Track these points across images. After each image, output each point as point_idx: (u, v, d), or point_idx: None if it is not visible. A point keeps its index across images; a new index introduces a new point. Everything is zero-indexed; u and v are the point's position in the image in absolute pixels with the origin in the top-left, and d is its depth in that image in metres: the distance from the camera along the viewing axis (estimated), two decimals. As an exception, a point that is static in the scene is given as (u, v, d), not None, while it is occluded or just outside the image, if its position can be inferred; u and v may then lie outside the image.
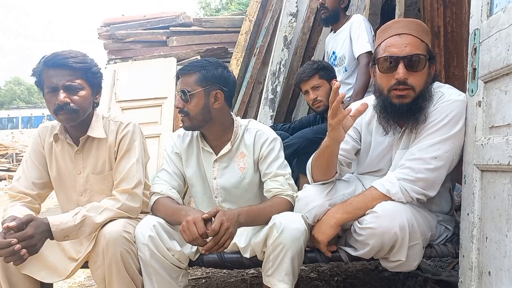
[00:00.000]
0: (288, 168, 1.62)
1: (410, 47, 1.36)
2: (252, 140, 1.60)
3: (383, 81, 1.41)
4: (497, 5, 1.17)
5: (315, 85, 2.27)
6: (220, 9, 15.48)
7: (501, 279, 1.10)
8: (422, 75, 1.38)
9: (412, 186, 1.34)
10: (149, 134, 4.03)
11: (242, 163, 1.61)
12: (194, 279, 2.25)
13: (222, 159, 1.62)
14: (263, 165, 1.59)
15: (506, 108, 1.10)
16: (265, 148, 1.59)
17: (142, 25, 5.58)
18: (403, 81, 1.35)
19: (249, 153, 1.61)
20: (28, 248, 1.30)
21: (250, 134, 1.62)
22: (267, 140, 1.60)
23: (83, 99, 1.49)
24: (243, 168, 1.61)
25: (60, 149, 1.59)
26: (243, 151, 1.61)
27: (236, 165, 1.62)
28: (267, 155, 1.58)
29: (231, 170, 1.62)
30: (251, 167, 1.61)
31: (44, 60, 1.46)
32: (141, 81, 4.65)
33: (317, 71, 2.28)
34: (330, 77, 2.31)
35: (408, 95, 1.37)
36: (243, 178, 1.61)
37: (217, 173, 1.63)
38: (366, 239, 1.34)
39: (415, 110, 1.38)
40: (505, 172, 1.09)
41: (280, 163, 1.59)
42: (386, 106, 1.42)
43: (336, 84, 1.26)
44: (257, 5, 4.56)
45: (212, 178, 1.63)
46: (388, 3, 3.35)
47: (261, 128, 1.64)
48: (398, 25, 1.42)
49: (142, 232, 1.39)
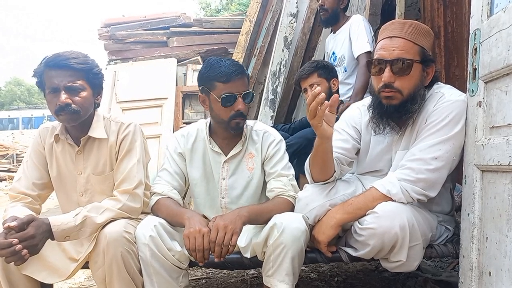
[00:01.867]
0: (291, 170, 1.64)
1: (399, 51, 1.37)
2: (260, 141, 1.64)
3: (374, 82, 1.45)
4: (498, 5, 1.17)
5: (314, 83, 2.28)
6: (221, 9, 15.49)
7: (501, 279, 1.10)
8: (410, 79, 1.38)
9: (413, 187, 1.34)
10: (149, 135, 4.03)
11: (251, 163, 1.63)
12: (194, 279, 2.25)
13: (231, 160, 1.64)
14: (268, 165, 1.62)
15: (507, 108, 1.10)
16: (272, 148, 1.63)
17: (142, 25, 5.58)
18: (388, 84, 1.38)
19: (257, 153, 1.64)
20: (29, 248, 1.30)
21: (257, 135, 1.66)
22: (274, 141, 1.64)
23: (84, 100, 1.49)
24: (252, 168, 1.63)
25: (60, 149, 1.59)
26: (252, 151, 1.64)
27: (245, 165, 1.64)
28: (273, 155, 1.62)
29: (240, 170, 1.64)
30: (259, 167, 1.64)
31: (46, 61, 1.46)
32: (141, 82, 4.65)
33: (316, 70, 2.30)
34: (329, 76, 2.33)
35: (395, 96, 1.39)
36: (251, 178, 1.63)
37: (226, 173, 1.64)
38: (366, 239, 1.34)
39: (402, 113, 1.40)
40: (505, 173, 1.09)
41: (284, 164, 1.62)
42: (376, 105, 1.46)
43: (318, 88, 1.27)
44: (257, 5, 4.57)
45: (221, 178, 1.64)
46: (388, 3, 3.35)
47: (268, 130, 1.69)
48: (393, 27, 1.43)
49: (143, 232, 1.39)
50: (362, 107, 1.62)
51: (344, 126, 1.61)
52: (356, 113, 1.62)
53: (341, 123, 1.63)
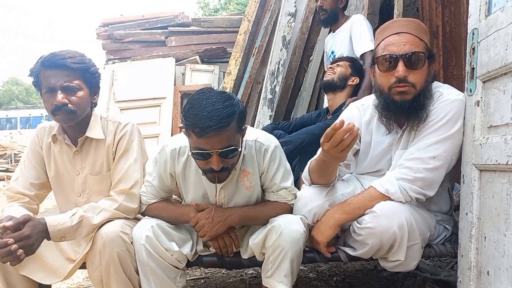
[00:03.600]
0: (291, 176, 1.54)
1: (409, 45, 1.36)
2: (254, 154, 1.47)
3: (383, 80, 1.41)
4: (496, 4, 1.18)
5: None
6: (219, 9, 15.48)
7: (499, 278, 1.10)
8: (422, 73, 1.38)
9: (411, 186, 1.34)
10: (147, 134, 4.03)
11: (248, 181, 1.49)
12: (193, 279, 2.25)
13: (226, 186, 1.49)
14: (266, 178, 1.50)
15: (505, 107, 1.10)
16: (267, 161, 1.47)
17: (140, 25, 5.57)
18: (403, 79, 1.36)
19: (253, 169, 1.48)
20: (25, 248, 1.29)
21: (249, 147, 1.47)
22: (266, 151, 1.47)
23: (81, 99, 1.48)
24: (250, 187, 1.50)
25: (58, 149, 1.59)
26: (245, 168, 1.48)
27: (241, 185, 1.50)
28: (268, 167, 1.48)
29: (238, 193, 1.51)
30: (257, 183, 1.51)
31: (42, 60, 1.45)
32: (139, 81, 4.65)
33: (349, 60, 2.35)
34: (355, 72, 2.34)
35: (409, 91, 1.37)
36: (251, 195, 1.52)
37: (224, 200, 1.51)
38: (365, 238, 1.35)
39: (418, 108, 1.37)
40: (503, 172, 1.09)
41: (282, 173, 1.50)
42: (388, 104, 1.41)
43: (341, 120, 1.24)
44: (255, 5, 4.57)
45: (219, 204, 1.51)
46: (386, 3, 3.35)
47: (258, 136, 1.50)
48: (397, 24, 1.43)
49: (140, 233, 1.39)
50: (361, 107, 1.61)
51: None
52: (355, 113, 1.61)
53: None
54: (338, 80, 2.29)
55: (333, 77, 2.29)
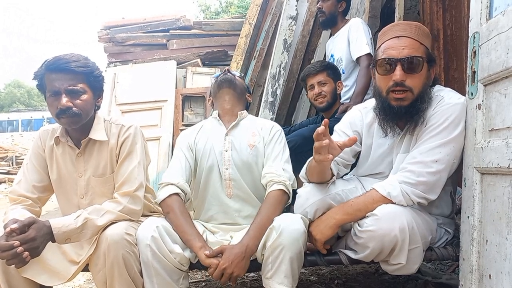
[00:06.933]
0: (289, 161, 1.72)
1: (408, 49, 1.37)
2: (262, 125, 1.78)
3: (382, 83, 1.43)
4: (497, 8, 1.18)
5: (322, 81, 2.35)
6: (220, 12, 15.50)
7: (501, 282, 1.10)
8: (420, 77, 1.38)
9: (413, 190, 1.34)
10: (149, 137, 4.03)
11: (252, 140, 1.73)
12: (194, 282, 2.25)
13: (231, 132, 1.74)
14: (267, 148, 1.71)
15: (506, 111, 1.11)
16: (272, 132, 1.75)
17: (142, 28, 5.59)
18: (400, 82, 1.36)
19: (259, 135, 1.74)
20: (31, 251, 1.30)
21: (260, 121, 1.83)
22: (273, 126, 1.78)
23: (85, 103, 1.49)
24: (253, 146, 1.71)
25: (61, 152, 1.59)
26: (254, 131, 1.75)
27: (245, 140, 1.72)
28: (271, 138, 1.73)
29: (241, 147, 1.71)
30: (260, 152, 1.71)
31: (46, 64, 1.46)
32: (141, 84, 4.65)
33: (326, 69, 2.36)
34: (336, 78, 2.39)
35: (406, 97, 1.38)
36: (253, 159, 1.69)
37: (229, 145, 1.71)
38: (366, 241, 1.35)
39: (413, 113, 1.39)
40: (505, 175, 1.09)
41: (282, 149, 1.72)
42: (385, 107, 1.43)
43: (325, 120, 1.27)
44: (257, 8, 4.58)
45: (223, 150, 1.69)
46: (387, 6, 3.37)
47: (269, 121, 1.87)
48: (398, 27, 1.43)
49: (145, 233, 1.39)
50: (363, 110, 1.62)
51: (344, 128, 1.62)
52: (357, 115, 1.63)
53: (342, 126, 1.64)
54: (331, 99, 2.37)
55: (327, 100, 2.36)
